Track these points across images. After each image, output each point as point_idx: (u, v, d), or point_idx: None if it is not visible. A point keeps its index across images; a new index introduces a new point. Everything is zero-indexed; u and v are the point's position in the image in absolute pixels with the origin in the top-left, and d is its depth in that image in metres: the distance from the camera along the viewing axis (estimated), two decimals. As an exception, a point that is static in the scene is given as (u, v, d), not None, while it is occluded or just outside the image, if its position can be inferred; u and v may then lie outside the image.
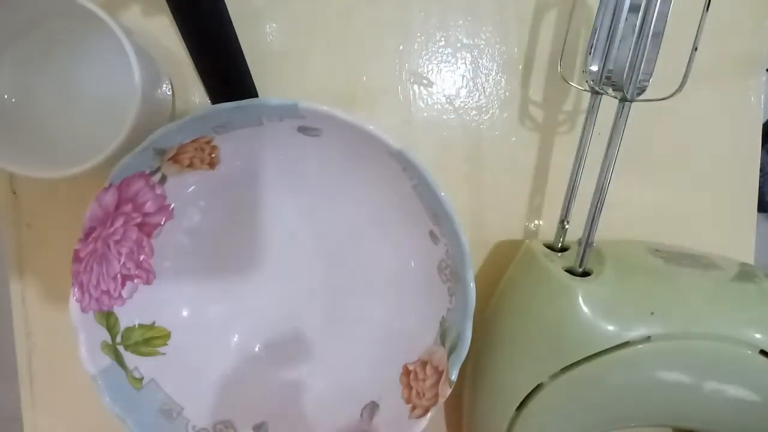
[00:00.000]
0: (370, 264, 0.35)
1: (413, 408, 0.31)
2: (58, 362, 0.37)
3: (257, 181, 0.34)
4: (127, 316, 0.31)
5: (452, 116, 0.38)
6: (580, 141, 0.33)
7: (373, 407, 0.33)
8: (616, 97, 0.30)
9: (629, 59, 0.28)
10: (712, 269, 0.33)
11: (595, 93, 0.33)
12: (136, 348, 0.31)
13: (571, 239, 0.34)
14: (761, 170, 0.41)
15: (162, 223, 0.32)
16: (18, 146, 0.30)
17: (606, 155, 0.30)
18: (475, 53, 0.38)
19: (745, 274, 0.34)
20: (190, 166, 0.31)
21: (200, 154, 0.31)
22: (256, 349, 0.35)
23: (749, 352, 0.30)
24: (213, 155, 0.32)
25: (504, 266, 0.36)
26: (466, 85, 0.38)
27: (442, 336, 0.32)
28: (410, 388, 0.32)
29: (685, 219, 0.40)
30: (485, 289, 0.36)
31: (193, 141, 0.30)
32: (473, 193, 0.38)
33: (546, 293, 0.31)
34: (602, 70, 0.31)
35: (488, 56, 0.38)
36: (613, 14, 0.30)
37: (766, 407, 0.31)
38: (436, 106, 0.38)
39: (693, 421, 0.33)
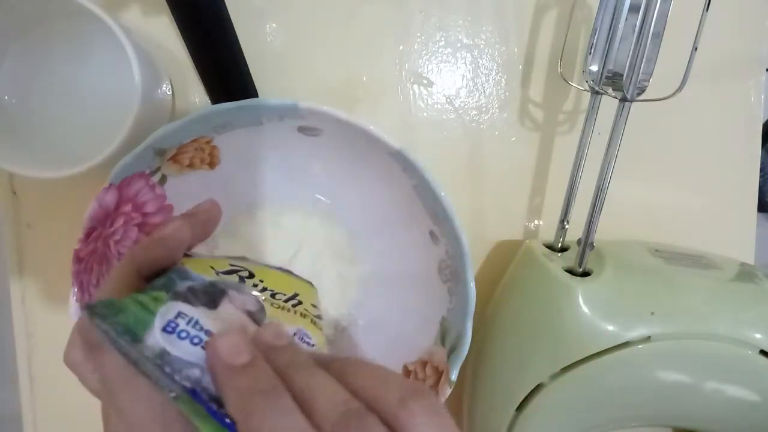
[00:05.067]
0: (370, 264, 0.35)
1: (413, 408, 0.31)
2: (58, 362, 0.37)
3: (257, 181, 0.34)
4: (127, 316, 0.31)
5: (452, 116, 0.38)
6: (580, 141, 0.33)
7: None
8: (616, 97, 0.30)
9: (629, 59, 0.28)
10: (712, 269, 0.33)
11: (595, 93, 0.33)
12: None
13: (571, 239, 0.34)
14: (761, 170, 0.41)
15: (162, 223, 0.32)
16: (18, 146, 0.30)
17: (606, 155, 0.30)
18: (475, 53, 0.38)
19: (745, 274, 0.34)
20: (190, 166, 0.31)
21: (200, 154, 0.31)
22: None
23: (749, 352, 0.30)
24: (213, 155, 0.32)
25: (504, 266, 0.36)
26: (466, 85, 0.38)
27: (442, 336, 0.32)
28: (410, 388, 0.32)
29: (685, 219, 0.40)
30: (485, 289, 0.36)
31: (193, 141, 0.30)
32: (473, 193, 0.38)
33: (546, 293, 0.31)
34: (602, 70, 0.31)
35: (488, 56, 0.38)
36: (613, 14, 0.30)
37: (766, 407, 0.31)
38: (436, 106, 0.38)
39: (693, 421, 0.33)
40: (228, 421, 0.15)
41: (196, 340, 0.17)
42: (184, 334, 0.17)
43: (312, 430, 0.15)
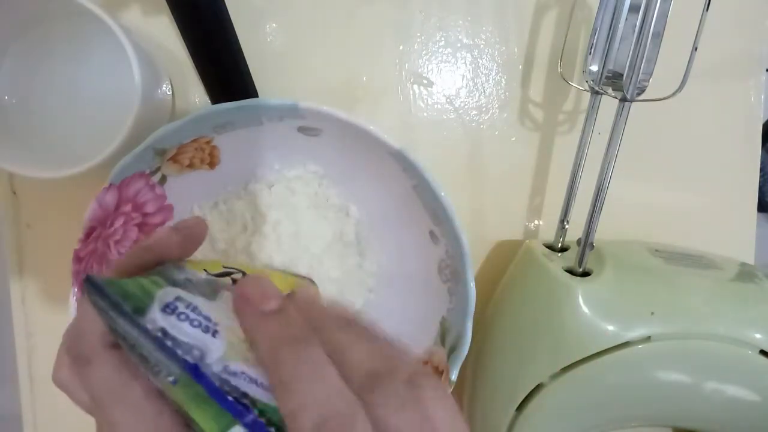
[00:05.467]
0: (370, 264, 0.35)
1: (413, 408, 0.31)
2: (58, 362, 0.37)
3: (257, 181, 0.34)
4: (127, 316, 0.31)
5: (452, 116, 0.38)
6: (580, 141, 0.33)
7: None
8: (616, 97, 0.30)
9: (629, 59, 0.28)
10: (712, 269, 0.33)
11: (595, 93, 0.33)
12: (136, 348, 0.31)
13: (571, 239, 0.34)
14: (761, 170, 0.41)
15: (162, 223, 0.32)
16: (18, 146, 0.30)
17: (606, 155, 0.30)
18: (475, 53, 0.38)
19: (745, 274, 0.34)
20: (190, 166, 0.31)
21: (200, 154, 0.31)
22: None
23: (749, 352, 0.30)
24: (213, 155, 0.32)
25: (504, 266, 0.36)
26: (466, 85, 0.38)
27: (442, 336, 0.32)
28: (410, 388, 0.32)
29: (685, 219, 0.40)
30: (485, 289, 0.36)
31: (193, 141, 0.30)
32: (473, 193, 0.38)
33: (546, 293, 0.31)
34: (602, 70, 0.31)
35: (488, 56, 0.38)
36: (613, 14, 0.30)
37: (766, 407, 0.31)
38: (436, 106, 0.38)
39: (693, 421, 0.33)
40: (230, 399, 0.15)
41: (195, 323, 0.17)
42: (183, 317, 0.17)
43: (343, 384, 0.15)
